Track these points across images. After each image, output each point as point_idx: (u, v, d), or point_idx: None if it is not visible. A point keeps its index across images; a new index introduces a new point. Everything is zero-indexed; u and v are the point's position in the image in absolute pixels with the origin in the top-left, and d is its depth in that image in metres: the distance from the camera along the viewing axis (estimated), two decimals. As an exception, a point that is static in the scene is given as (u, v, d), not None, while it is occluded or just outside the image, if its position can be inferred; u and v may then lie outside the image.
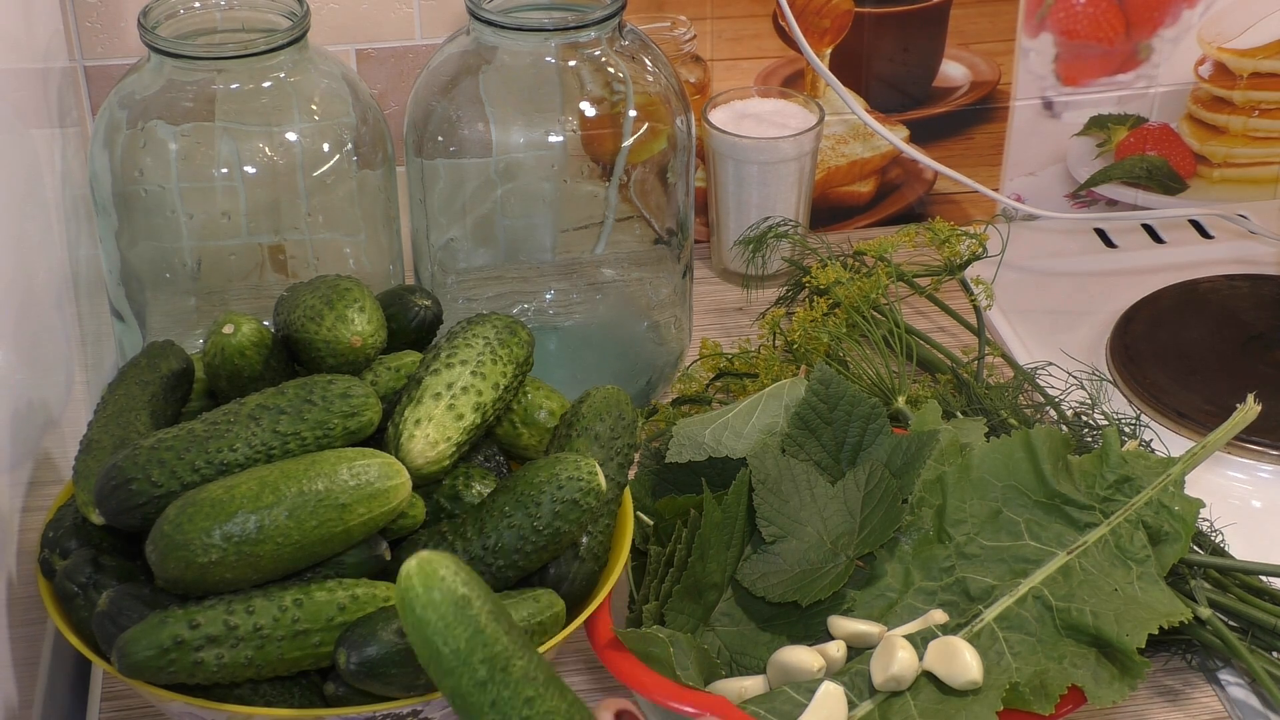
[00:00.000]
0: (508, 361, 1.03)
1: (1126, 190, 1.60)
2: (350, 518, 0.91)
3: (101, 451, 0.97)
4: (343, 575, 0.93)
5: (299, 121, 1.20)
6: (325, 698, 0.92)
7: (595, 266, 1.33)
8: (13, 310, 1.04)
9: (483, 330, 1.03)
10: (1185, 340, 1.37)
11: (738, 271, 1.45)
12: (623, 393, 1.05)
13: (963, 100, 1.53)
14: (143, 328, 1.25)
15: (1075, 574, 1.01)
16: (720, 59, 1.47)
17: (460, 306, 1.29)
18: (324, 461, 0.91)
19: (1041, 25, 1.50)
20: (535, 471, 0.98)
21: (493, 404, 1.01)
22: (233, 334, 0.99)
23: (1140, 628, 0.98)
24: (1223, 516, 1.12)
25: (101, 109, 1.21)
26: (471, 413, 1.00)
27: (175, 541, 0.88)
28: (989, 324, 1.40)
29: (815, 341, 1.25)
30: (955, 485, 1.05)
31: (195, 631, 0.87)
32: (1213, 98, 1.56)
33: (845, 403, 1.09)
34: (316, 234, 1.24)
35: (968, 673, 0.96)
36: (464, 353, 1.01)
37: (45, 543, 0.95)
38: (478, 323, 1.04)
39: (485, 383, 1.01)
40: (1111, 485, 1.05)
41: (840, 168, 1.53)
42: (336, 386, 0.96)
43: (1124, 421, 1.18)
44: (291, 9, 1.20)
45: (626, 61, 1.24)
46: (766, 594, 1.02)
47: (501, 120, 1.24)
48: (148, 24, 1.17)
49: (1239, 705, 1.06)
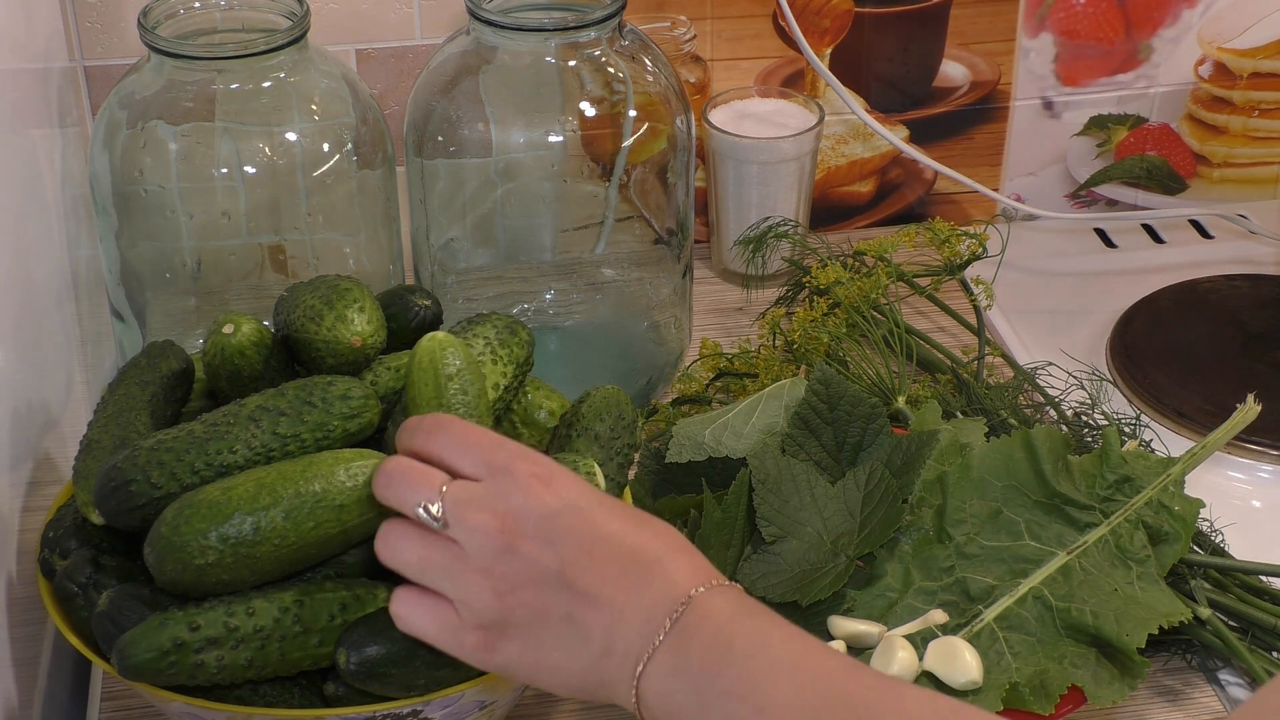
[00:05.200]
0: (508, 361, 1.03)
1: (1126, 190, 1.60)
2: (348, 519, 0.91)
3: (101, 451, 0.97)
4: (343, 575, 0.93)
5: (299, 121, 1.20)
6: (325, 698, 0.92)
7: (595, 266, 1.33)
8: (13, 310, 1.04)
9: (483, 330, 1.03)
10: (1185, 340, 1.36)
11: (738, 271, 1.45)
12: (623, 393, 1.05)
13: (963, 100, 1.53)
14: (143, 328, 1.25)
15: (1075, 574, 1.01)
16: (720, 59, 1.47)
17: (460, 306, 1.29)
18: (321, 463, 0.91)
19: (1041, 25, 1.50)
20: (535, 472, 0.98)
21: (493, 404, 1.01)
22: (233, 334, 0.99)
23: (1140, 628, 0.98)
24: (1223, 516, 1.12)
25: (101, 109, 1.21)
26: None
27: (172, 543, 0.88)
28: (989, 324, 1.40)
29: (815, 341, 1.25)
30: (955, 485, 1.05)
31: (195, 633, 0.87)
32: (1213, 98, 1.56)
33: (845, 403, 1.09)
34: (316, 234, 1.24)
35: (968, 673, 0.96)
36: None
37: (45, 543, 0.95)
38: (478, 323, 1.04)
39: (486, 383, 1.00)
40: (1111, 485, 1.05)
41: (840, 168, 1.53)
42: (336, 388, 0.96)
43: (1124, 421, 1.18)
44: (291, 9, 1.20)
45: (626, 61, 1.24)
46: (766, 594, 1.02)
47: (501, 120, 1.24)
48: (148, 24, 1.17)
49: (1239, 705, 1.06)
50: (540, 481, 0.83)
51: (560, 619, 0.81)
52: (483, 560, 0.82)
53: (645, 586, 0.80)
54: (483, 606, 0.82)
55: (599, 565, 0.81)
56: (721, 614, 0.79)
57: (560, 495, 0.83)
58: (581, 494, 0.83)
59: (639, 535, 0.82)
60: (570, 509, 0.82)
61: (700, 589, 0.80)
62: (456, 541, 0.83)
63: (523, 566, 0.81)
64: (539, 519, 0.82)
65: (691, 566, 0.82)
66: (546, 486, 0.83)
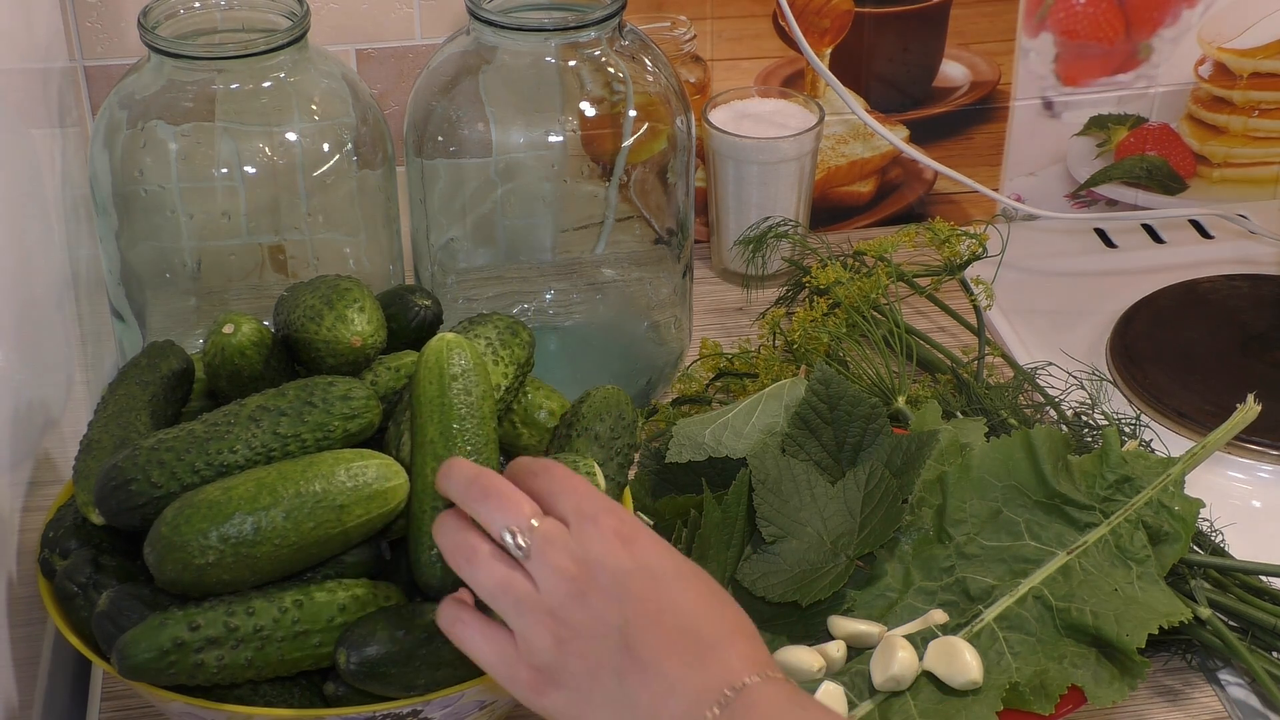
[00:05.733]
0: (509, 362, 1.03)
1: (1126, 190, 1.60)
2: (348, 519, 0.91)
3: (101, 451, 0.97)
4: (343, 576, 0.93)
5: (299, 121, 1.20)
6: (325, 698, 0.92)
7: (595, 266, 1.33)
8: (13, 310, 1.04)
9: (484, 331, 1.03)
10: (1185, 340, 1.37)
11: (738, 271, 1.45)
12: (623, 393, 1.05)
13: (963, 100, 1.53)
14: (143, 328, 1.25)
15: (1075, 574, 1.01)
16: (720, 59, 1.47)
17: (460, 306, 1.29)
18: (322, 463, 0.91)
19: (1041, 25, 1.50)
20: (535, 472, 0.98)
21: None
22: (233, 334, 0.99)
23: (1140, 628, 0.98)
24: (1223, 516, 1.12)
25: (101, 109, 1.21)
26: (471, 413, 0.99)
27: (172, 543, 0.88)
28: (989, 324, 1.40)
29: (815, 341, 1.25)
30: (955, 485, 1.05)
31: (195, 633, 0.87)
32: (1213, 98, 1.56)
33: (845, 403, 1.09)
34: (316, 234, 1.24)
35: (968, 673, 0.96)
36: (464, 353, 1.01)
37: (45, 543, 0.95)
38: (479, 323, 1.04)
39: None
40: (1111, 485, 1.05)
41: (840, 168, 1.53)
42: (337, 388, 0.96)
43: (1124, 421, 1.18)
44: (291, 9, 1.20)
45: (626, 61, 1.24)
46: (766, 594, 1.02)
47: (501, 120, 1.24)
48: (148, 24, 1.17)
49: (1239, 705, 1.06)
50: (621, 539, 0.82)
51: (612, 678, 0.80)
52: (553, 601, 0.81)
53: (700, 666, 0.79)
54: (542, 648, 0.81)
55: (660, 634, 0.80)
56: (771, 705, 0.78)
57: (637, 557, 0.82)
58: (660, 560, 0.82)
59: (706, 613, 0.81)
60: (644, 572, 0.81)
61: (754, 678, 0.79)
62: (532, 577, 0.82)
63: (587, 618, 0.81)
64: (613, 574, 0.81)
65: (750, 654, 0.81)
66: (626, 545, 0.82)
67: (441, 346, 0.95)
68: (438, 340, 0.96)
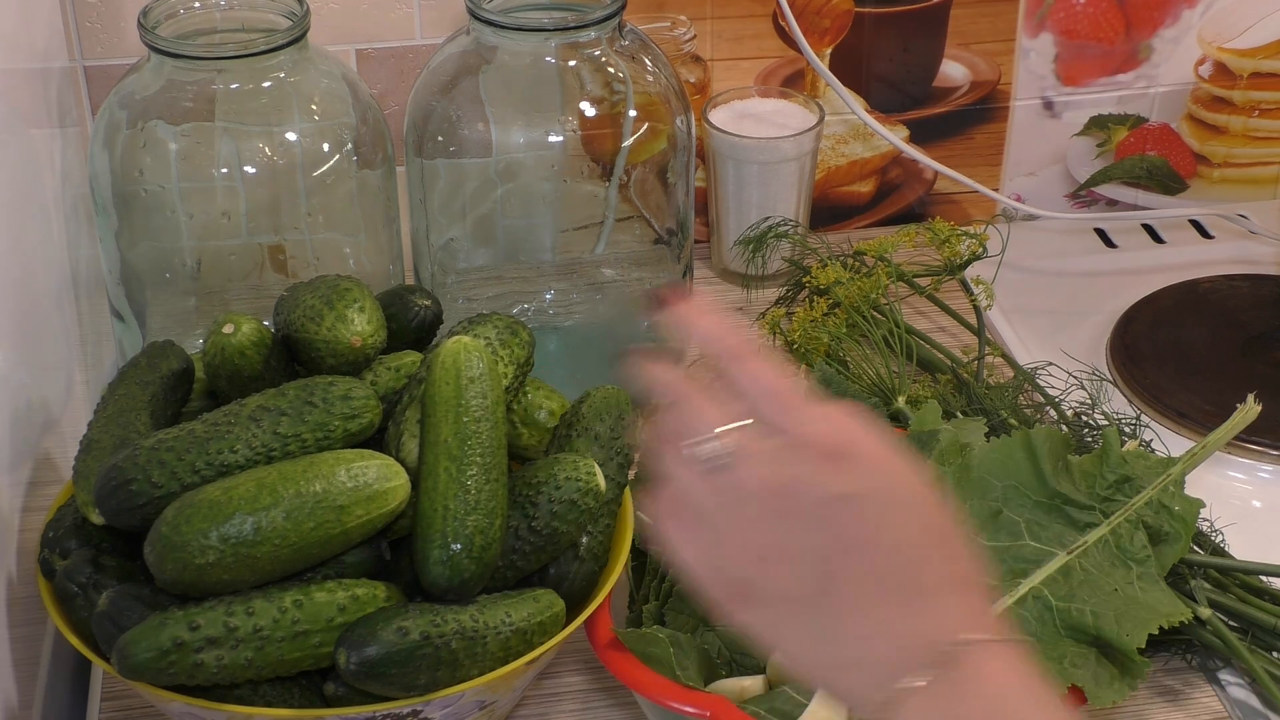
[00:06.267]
0: (509, 362, 1.03)
1: (1126, 190, 1.60)
2: (348, 519, 0.91)
3: (101, 451, 0.97)
4: (343, 576, 0.93)
5: (299, 121, 1.20)
6: (325, 698, 0.92)
7: (595, 266, 1.33)
8: (13, 310, 1.04)
9: (484, 331, 1.03)
10: (1185, 340, 1.36)
11: (738, 271, 1.45)
12: (623, 393, 1.05)
13: (963, 100, 1.53)
14: (143, 328, 1.25)
15: (1075, 574, 1.01)
16: (720, 59, 1.47)
17: (460, 306, 1.29)
18: (322, 463, 0.91)
19: (1041, 25, 1.50)
20: (533, 472, 0.98)
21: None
22: (233, 334, 0.99)
23: (1140, 628, 0.98)
24: (1223, 516, 1.12)
25: (101, 109, 1.21)
26: (471, 413, 0.99)
27: (173, 543, 0.88)
28: (989, 324, 1.39)
29: (815, 341, 1.25)
30: (955, 485, 1.05)
31: (195, 633, 0.87)
32: (1213, 98, 1.56)
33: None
34: (316, 234, 1.24)
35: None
36: (464, 353, 1.01)
37: (45, 543, 0.95)
38: (479, 323, 1.04)
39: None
40: (1111, 485, 1.05)
41: (840, 168, 1.53)
42: (337, 388, 0.96)
43: (1124, 421, 1.18)
44: (291, 9, 1.20)
45: (626, 61, 1.24)
46: (766, 594, 1.01)
47: (501, 120, 1.24)
48: (148, 24, 1.17)
49: (1239, 705, 1.06)
50: (833, 461, 0.73)
51: (814, 608, 0.73)
52: (754, 515, 0.74)
53: (912, 613, 0.72)
54: (742, 563, 0.74)
55: (866, 571, 0.72)
56: (1005, 677, 0.71)
57: (850, 481, 0.73)
58: (879, 485, 0.73)
59: (924, 553, 0.73)
60: (852, 500, 0.72)
61: (979, 636, 0.71)
62: (734, 488, 0.74)
63: (788, 540, 0.73)
64: (817, 500, 0.73)
65: (975, 606, 0.73)
66: (839, 466, 0.73)
67: (459, 349, 0.95)
68: (454, 343, 0.96)
